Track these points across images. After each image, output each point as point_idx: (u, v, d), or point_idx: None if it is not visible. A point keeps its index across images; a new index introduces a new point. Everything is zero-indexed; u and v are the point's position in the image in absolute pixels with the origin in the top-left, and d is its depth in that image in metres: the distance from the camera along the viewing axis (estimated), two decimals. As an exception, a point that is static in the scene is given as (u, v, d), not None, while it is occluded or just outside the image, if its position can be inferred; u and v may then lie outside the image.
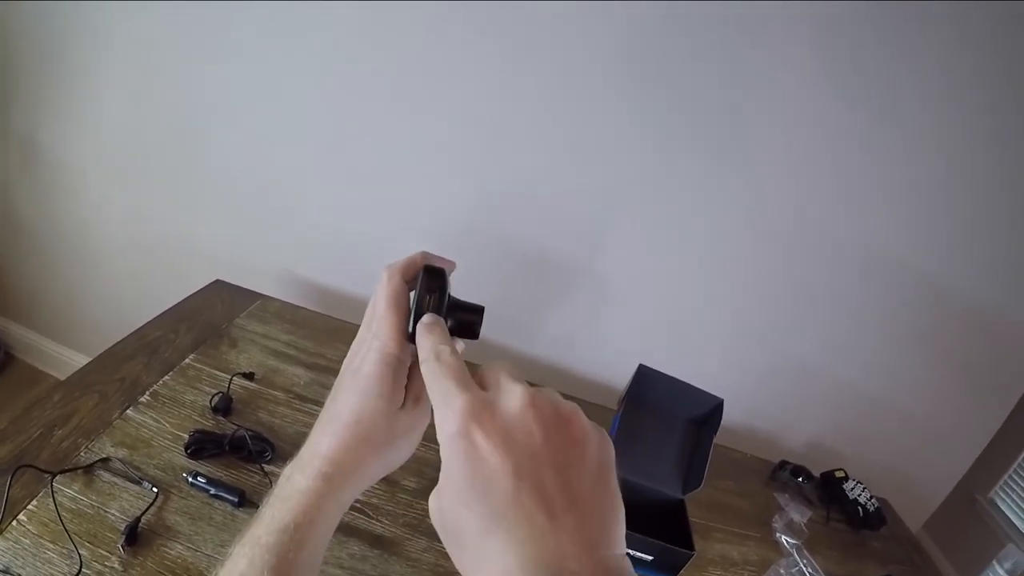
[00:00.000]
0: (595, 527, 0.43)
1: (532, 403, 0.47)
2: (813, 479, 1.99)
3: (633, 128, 1.86)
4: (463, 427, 0.45)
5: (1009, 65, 1.72)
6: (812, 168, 1.87)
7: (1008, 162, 1.86)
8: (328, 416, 0.63)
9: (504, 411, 0.46)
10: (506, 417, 0.46)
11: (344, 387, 0.64)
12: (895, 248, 1.95)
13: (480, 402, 0.46)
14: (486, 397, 0.48)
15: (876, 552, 1.82)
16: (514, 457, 0.43)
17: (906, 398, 2.21)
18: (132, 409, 1.36)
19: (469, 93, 1.89)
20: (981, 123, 1.80)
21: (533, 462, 0.44)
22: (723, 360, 2.17)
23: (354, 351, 0.66)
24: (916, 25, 1.69)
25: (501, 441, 0.44)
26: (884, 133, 1.81)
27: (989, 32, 1.69)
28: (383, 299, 0.63)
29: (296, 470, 0.62)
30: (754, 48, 1.74)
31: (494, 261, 2.06)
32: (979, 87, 1.76)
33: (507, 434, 0.45)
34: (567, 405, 0.50)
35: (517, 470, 0.43)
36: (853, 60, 1.74)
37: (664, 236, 2.00)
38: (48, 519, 1.07)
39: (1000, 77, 1.75)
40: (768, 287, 2.04)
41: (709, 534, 1.62)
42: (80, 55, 2.07)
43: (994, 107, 1.78)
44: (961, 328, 2.09)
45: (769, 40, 1.73)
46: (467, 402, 0.46)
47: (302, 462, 0.62)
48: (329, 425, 0.62)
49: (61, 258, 2.51)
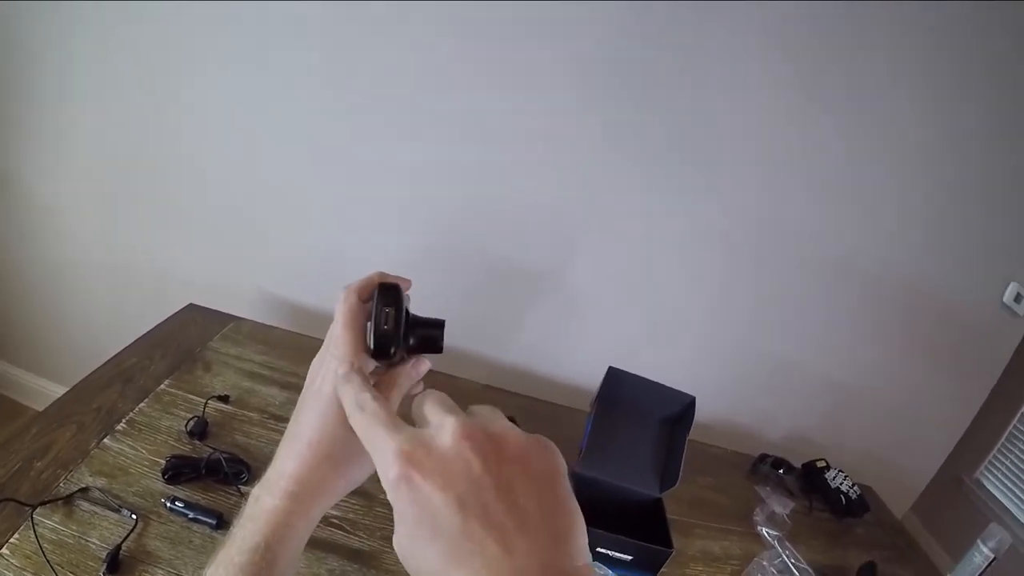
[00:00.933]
0: (549, 544, 0.43)
1: (464, 433, 0.46)
2: (794, 470, 2.00)
3: (603, 137, 1.88)
4: (401, 471, 0.45)
5: (984, 67, 1.76)
6: (784, 169, 1.90)
7: (979, 162, 1.90)
8: (291, 436, 0.65)
9: (438, 446, 0.46)
10: (441, 451, 0.46)
11: (305, 407, 0.65)
12: (866, 244, 1.99)
13: (412, 442, 0.47)
14: (418, 436, 0.48)
15: (860, 539, 1.84)
16: (455, 491, 0.43)
17: (884, 386, 2.23)
18: (109, 438, 1.36)
19: (438, 108, 1.91)
20: (952, 125, 1.84)
21: (475, 491, 0.43)
22: (700, 359, 2.19)
23: (315, 370, 0.67)
24: (886, 29, 1.72)
25: (439, 478, 0.44)
26: (855, 135, 1.84)
27: (963, 35, 1.73)
28: (339, 319, 0.65)
29: (263, 491, 0.63)
30: (726, 55, 1.77)
31: (467, 272, 2.07)
32: (952, 90, 1.80)
33: (444, 469, 0.45)
34: (498, 425, 0.49)
35: (460, 503, 0.43)
36: (824, 66, 1.77)
37: (636, 240, 2.03)
38: (31, 551, 1.07)
39: (973, 79, 1.78)
40: (742, 286, 2.07)
41: (690, 531, 1.63)
42: (50, 83, 2.06)
43: (964, 110, 1.82)
44: (934, 316, 2.12)
45: (741, 47, 1.76)
46: (399, 445, 0.46)
47: (269, 483, 0.63)
48: (293, 445, 0.63)
49: (35, 288, 2.49)
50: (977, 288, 2.14)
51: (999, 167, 1.97)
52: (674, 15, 1.75)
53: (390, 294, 0.66)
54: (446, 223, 2.06)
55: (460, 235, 2.08)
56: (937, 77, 1.84)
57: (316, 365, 0.68)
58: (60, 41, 2.00)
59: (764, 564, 1.52)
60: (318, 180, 2.06)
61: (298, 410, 0.66)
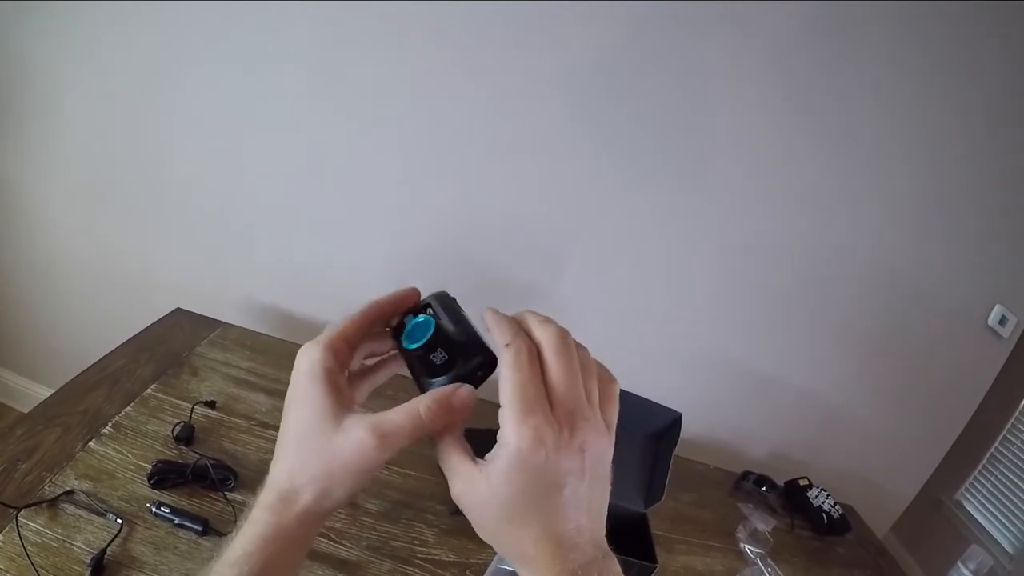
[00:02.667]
0: (597, 520, 0.55)
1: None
2: (777, 488, 2.01)
3: (594, 150, 1.89)
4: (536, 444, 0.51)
5: (973, 67, 1.78)
6: (771, 184, 1.92)
7: (965, 184, 1.91)
8: (278, 443, 0.63)
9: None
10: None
11: (288, 412, 0.64)
12: (851, 264, 2.00)
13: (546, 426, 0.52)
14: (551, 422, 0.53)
15: (841, 558, 1.85)
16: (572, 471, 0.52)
17: (867, 406, 2.25)
18: (95, 441, 1.35)
19: (428, 119, 1.92)
20: (940, 145, 1.86)
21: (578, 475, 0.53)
22: (684, 374, 2.20)
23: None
24: (874, 33, 1.74)
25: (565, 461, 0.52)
26: (843, 144, 1.85)
27: (949, 38, 1.74)
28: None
29: (257, 501, 0.61)
30: (713, 66, 1.78)
31: (454, 285, 2.04)
32: (940, 108, 1.82)
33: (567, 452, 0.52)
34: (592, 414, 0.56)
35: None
36: (810, 74, 1.78)
37: (623, 255, 2.04)
38: (15, 554, 1.06)
39: (964, 79, 1.80)
40: (727, 302, 2.08)
41: (673, 546, 1.64)
42: (38, 88, 2.06)
43: (951, 127, 1.84)
44: (918, 336, 2.13)
45: (728, 58, 1.77)
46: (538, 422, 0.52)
47: (262, 491, 0.62)
48: (280, 451, 0.62)
49: (23, 290, 2.48)
50: (962, 310, 2.16)
51: (986, 189, 1.99)
52: (666, 30, 1.76)
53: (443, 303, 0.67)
54: (434, 232, 2.06)
55: (448, 245, 2.08)
56: (925, 94, 1.85)
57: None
58: (48, 44, 1.99)
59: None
60: (307, 187, 2.06)
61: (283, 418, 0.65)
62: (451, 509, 1.45)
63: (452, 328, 0.63)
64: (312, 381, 0.60)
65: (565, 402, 0.53)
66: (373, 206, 2.06)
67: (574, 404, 0.53)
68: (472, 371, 0.60)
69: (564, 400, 0.53)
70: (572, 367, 0.55)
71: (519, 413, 0.51)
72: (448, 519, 1.44)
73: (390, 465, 1.54)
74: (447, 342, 0.62)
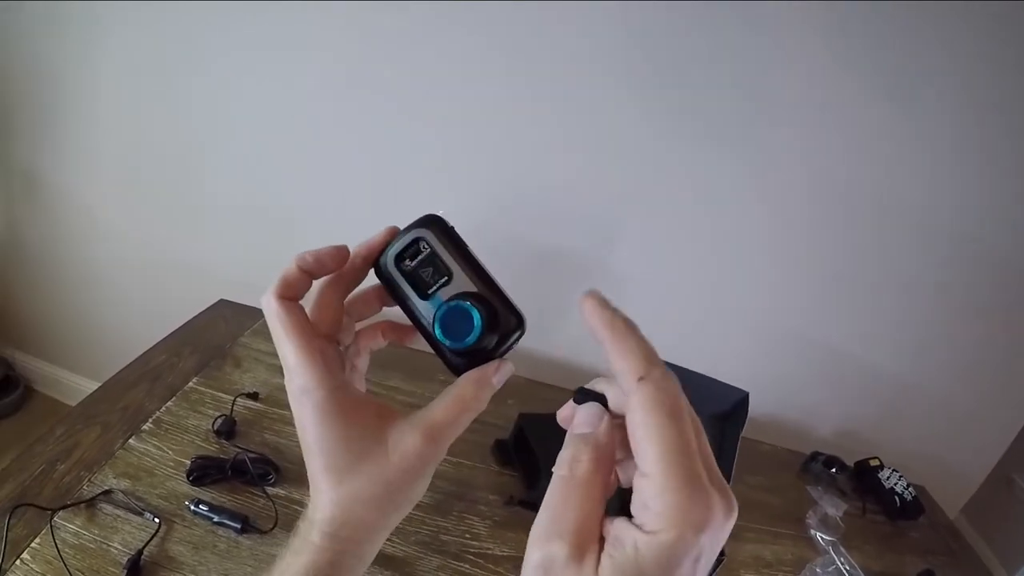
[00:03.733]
0: None
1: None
2: (847, 469, 1.94)
3: (642, 120, 1.81)
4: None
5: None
6: (828, 149, 1.82)
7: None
8: (316, 472, 0.54)
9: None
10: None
11: (305, 439, 0.54)
12: (924, 222, 1.89)
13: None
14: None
15: (915, 543, 1.76)
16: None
17: (937, 379, 2.15)
18: (134, 438, 1.33)
19: (473, 94, 1.85)
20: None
21: None
22: (748, 350, 2.12)
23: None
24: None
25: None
26: (915, 96, 1.74)
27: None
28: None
29: (303, 529, 0.54)
30: (762, 31, 1.69)
31: (505, 261, 2.00)
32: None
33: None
34: None
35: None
36: (863, 33, 1.68)
37: (680, 227, 1.95)
38: (51, 556, 1.05)
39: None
40: (789, 273, 1.99)
41: (740, 534, 1.57)
42: (73, 84, 2.05)
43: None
44: (992, 302, 2.03)
45: (778, 24, 1.68)
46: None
47: (307, 524, 0.54)
48: (321, 482, 0.53)
49: (69, 288, 2.51)
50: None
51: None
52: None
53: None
54: (481, 211, 2.01)
55: (496, 223, 2.02)
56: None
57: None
58: (75, 43, 1.99)
59: (817, 571, 1.46)
60: (348, 172, 2.03)
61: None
62: (505, 499, 1.40)
63: (474, 288, 0.56)
64: (322, 420, 0.52)
65: (709, 464, 0.41)
66: (417, 188, 2.01)
67: (712, 464, 0.42)
68: (505, 340, 0.55)
69: (706, 460, 0.41)
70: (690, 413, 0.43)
71: (685, 493, 0.38)
72: (502, 510, 1.38)
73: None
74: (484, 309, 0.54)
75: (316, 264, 0.57)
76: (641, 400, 0.41)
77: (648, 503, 0.39)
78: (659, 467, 0.39)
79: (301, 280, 0.57)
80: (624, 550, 0.38)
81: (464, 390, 0.53)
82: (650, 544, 0.38)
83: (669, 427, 0.40)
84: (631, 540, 0.39)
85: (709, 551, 0.39)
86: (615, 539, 0.39)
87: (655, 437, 0.40)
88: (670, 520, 0.38)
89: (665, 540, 0.38)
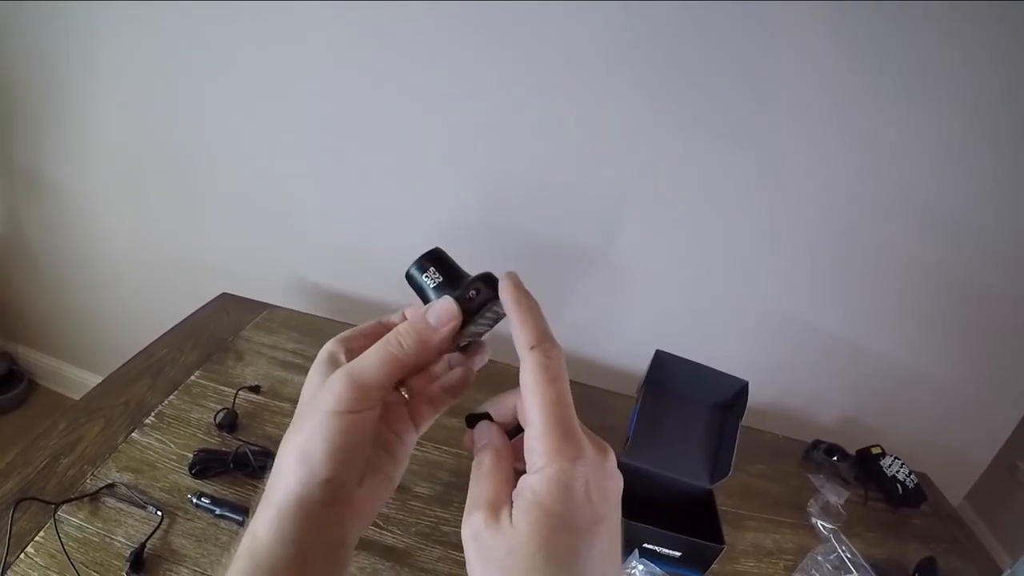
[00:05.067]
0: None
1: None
2: (848, 457, 1.93)
3: (643, 111, 1.81)
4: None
5: None
6: (832, 140, 1.81)
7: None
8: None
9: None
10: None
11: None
12: (920, 214, 1.88)
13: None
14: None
15: (917, 531, 1.76)
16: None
17: (939, 366, 2.15)
18: (137, 432, 1.34)
19: (473, 87, 1.85)
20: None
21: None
22: (748, 340, 2.12)
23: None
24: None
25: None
26: (914, 90, 1.73)
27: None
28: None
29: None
30: (761, 23, 1.69)
31: (506, 253, 2.03)
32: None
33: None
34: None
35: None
36: (867, 26, 1.68)
37: (680, 217, 1.95)
38: (56, 550, 1.05)
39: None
40: (790, 261, 1.99)
41: (741, 523, 1.57)
42: (73, 80, 2.06)
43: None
44: (994, 294, 2.02)
45: (779, 15, 1.68)
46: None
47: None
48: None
49: (72, 282, 2.52)
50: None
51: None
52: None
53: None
54: (481, 206, 2.01)
55: (497, 218, 2.02)
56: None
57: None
58: (75, 40, 1.99)
59: (819, 559, 1.46)
60: (349, 164, 2.02)
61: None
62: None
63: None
64: (316, 368, 0.56)
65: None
66: (418, 179, 2.01)
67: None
68: (466, 290, 0.56)
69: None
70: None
71: (559, 434, 0.46)
72: (503, 501, 1.38)
73: (439, 444, 1.50)
74: (445, 268, 0.59)
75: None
76: (531, 364, 0.48)
77: (532, 446, 0.46)
78: (539, 415, 0.46)
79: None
80: (524, 496, 0.45)
81: (394, 331, 0.54)
82: (540, 481, 0.44)
83: (549, 385, 0.47)
84: (527, 485, 0.45)
85: (595, 484, 0.45)
86: (518, 493, 0.46)
87: (538, 393, 0.46)
88: (549, 456, 0.45)
89: (549, 473, 0.44)
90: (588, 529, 0.44)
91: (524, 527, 0.44)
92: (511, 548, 0.44)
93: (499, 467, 0.52)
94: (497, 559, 0.44)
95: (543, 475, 0.44)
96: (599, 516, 0.45)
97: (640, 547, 1.27)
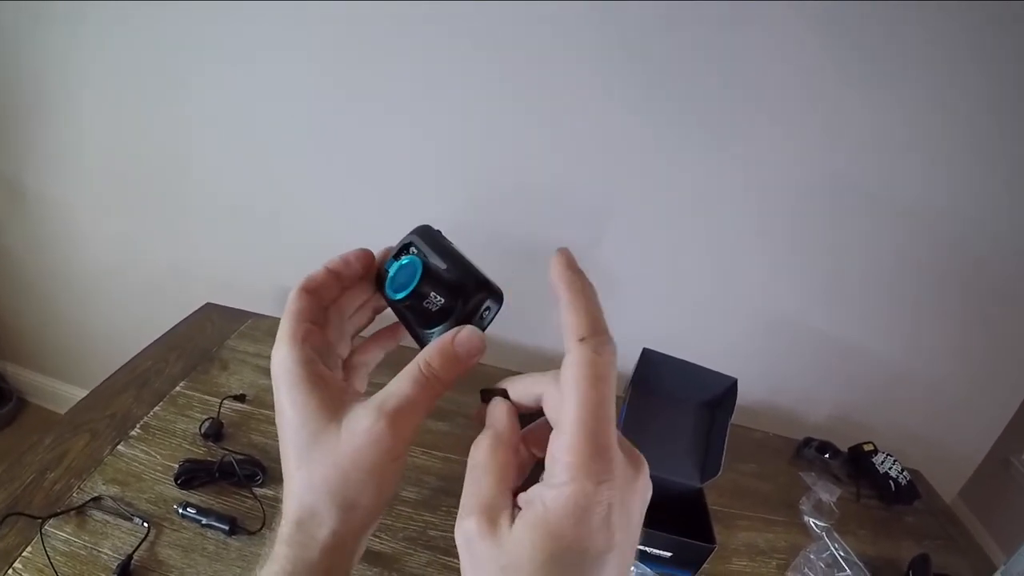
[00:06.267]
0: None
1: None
2: (840, 455, 1.93)
3: (628, 114, 1.81)
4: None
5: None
6: (815, 138, 1.82)
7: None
8: (284, 473, 0.52)
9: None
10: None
11: (281, 433, 0.52)
12: (906, 210, 1.89)
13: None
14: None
15: (910, 528, 1.76)
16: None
17: (931, 362, 2.15)
18: (123, 444, 1.33)
19: (458, 94, 1.85)
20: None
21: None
22: (737, 339, 2.12)
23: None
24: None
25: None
26: (900, 86, 1.74)
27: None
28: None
29: (275, 536, 0.51)
30: (747, 23, 1.69)
31: (491, 257, 1.99)
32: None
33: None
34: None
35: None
36: (845, 22, 1.68)
37: (669, 217, 1.95)
38: (43, 564, 1.05)
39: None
40: (778, 260, 1.99)
41: (732, 522, 1.57)
42: (55, 90, 2.04)
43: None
44: (983, 288, 2.03)
45: (761, 12, 1.68)
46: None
47: (278, 525, 0.52)
48: (287, 480, 0.52)
49: (57, 297, 2.51)
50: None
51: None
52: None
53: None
54: (467, 209, 2.01)
55: (483, 221, 2.02)
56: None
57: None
58: (57, 49, 1.98)
59: (811, 557, 1.45)
60: (332, 171, 2.02)
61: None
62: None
63: (443, 265, 0.55)
64: (290, 386, 0.50)
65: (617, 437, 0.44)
66: (401, 185, 2.01)
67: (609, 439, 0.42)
68: (475, 311, 0.53)
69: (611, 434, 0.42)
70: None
71: (591, 449, 0.40)
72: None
73: (427, 449, 1.50)
74: (440, 283, 0.53)
75: (342, 263, 0.60)
76: (576, 358, 0.42)
77: (556, 455, 0.41)
78: (573, 421, 0.40)
79: (326, 279, 0.60)
80: (534, 508, 0.40)
81: (420, 360, 0.50)
82: (556, 498, 0.39)
83: (592, 387, 0.41)
84: (539, 498, 0.40)
85: (619, 507, 0.40)
86: (527, 502, 0.41)
87: (578, 393, 0.41)
88: (573, 472, 0.39)
89: (567, 492, 0.39)
90: (598, 557, 0.40)
91: (526, 543, 0.40)
92: (507, 564, 0.40)
93: (495, 460, 0.46)
94: (491, 572, 0.41)
95: (560, 492, 0.39)
96: (613, 544, 0.40)
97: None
